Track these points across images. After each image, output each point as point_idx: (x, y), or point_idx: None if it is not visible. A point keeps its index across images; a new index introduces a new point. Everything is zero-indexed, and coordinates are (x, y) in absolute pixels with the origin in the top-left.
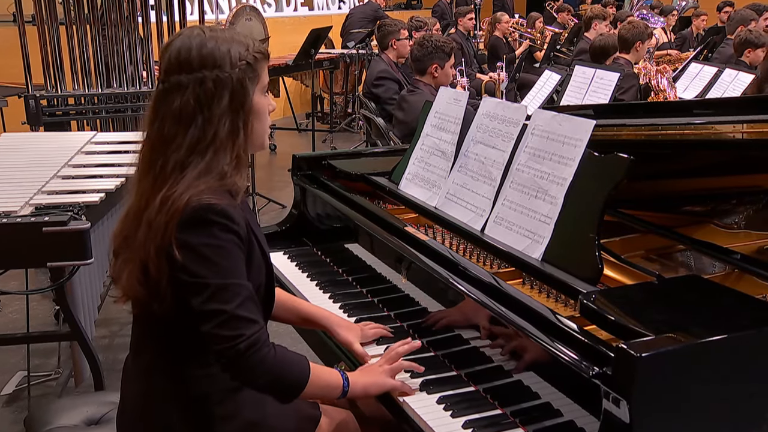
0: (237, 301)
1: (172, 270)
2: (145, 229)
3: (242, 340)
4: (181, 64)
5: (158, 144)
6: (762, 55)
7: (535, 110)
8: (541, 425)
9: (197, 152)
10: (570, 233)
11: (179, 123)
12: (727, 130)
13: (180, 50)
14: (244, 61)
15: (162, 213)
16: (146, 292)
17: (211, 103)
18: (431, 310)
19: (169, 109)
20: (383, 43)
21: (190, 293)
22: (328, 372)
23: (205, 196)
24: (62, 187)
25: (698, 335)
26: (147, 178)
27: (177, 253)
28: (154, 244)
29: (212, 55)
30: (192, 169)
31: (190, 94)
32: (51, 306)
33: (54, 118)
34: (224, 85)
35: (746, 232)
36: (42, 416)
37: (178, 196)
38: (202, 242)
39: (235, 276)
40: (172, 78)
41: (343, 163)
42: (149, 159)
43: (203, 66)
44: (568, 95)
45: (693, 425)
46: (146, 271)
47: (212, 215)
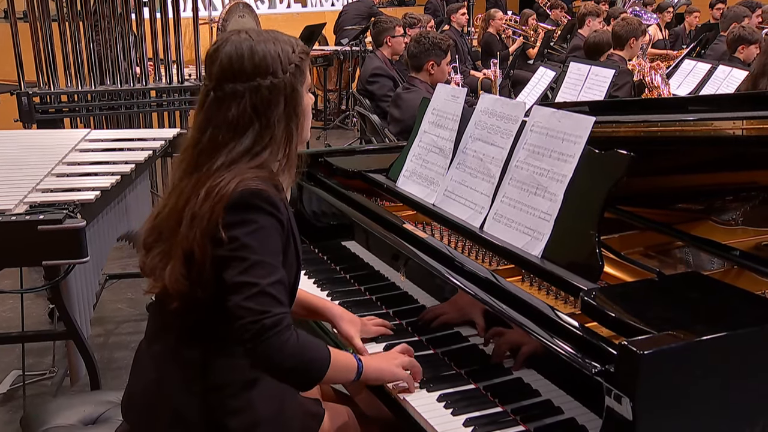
0: (271, 278)
1: (215, 249)
2: (188, 222)
3: (268, 317)
4: (235, 73)
5: (210, 150)
6: (755, 51)
7: (535, 107)
8: (542, 423)
9: (251, 153)
10: (570, 230)
11: (235, 131)
12: (726, 127)
13: (232, 57)
14: (293, 64)
15: (208, 202)
16: (189, 282)
17: (268, 109)
18: (430, 308)
19: (225, 117)
20: (378, 40)
21: (227, 266)
22: (343, 355)
23: (254, 183)
24: (57, 185)
25: (701, 332)
26: (189, 178)
27: (222, 232)
28: (200, 229)
29: (265, 62)
30: (243, 164)
31: (247, 102)
32: (45, 305)
33: (47, 115)
34: (279, 90)
35: (744, 228)
36: (38, 416)
37: (226, 184)
38: (247, 221)
39: (273, 257)
40: (226, 86)
41: (340, 160)
42: (195, 162)
43: (257, 74)
44: (563, 92)
45: (695, 421)
46: (190, 260)
47: (258, 200)
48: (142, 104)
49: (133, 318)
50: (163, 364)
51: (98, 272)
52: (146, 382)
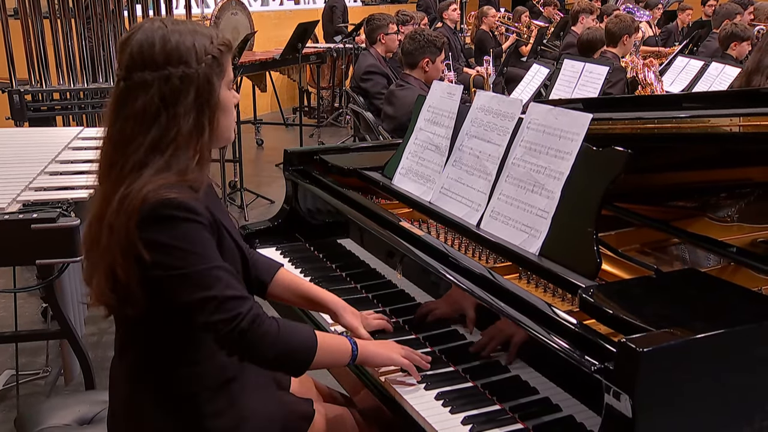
0: (221, 283)
1: (144, 270)
2: (107, 233)
3: (241, 319)
4: (145, 61)
5: (120, 144)
6: (747, 48)
7: (531, 104)
8: (540, 420)
9: (158, 150)
10: (567, 227)
11: (142, 122)
12: (722, 124)
13: (142, 45)
14: (210, 55)
15: (121, 213)
16: (116, 296)
17: (176, 100)
18: (427, 306)
19: (132, 108)
20: (372, 38)
21: (172, 288)
22: (332, 337)
23: (162, 191)
24: (50, 184)
25: (700, 329)
26: (108, 179)
27: (144, 253)
28: (119, 247)
29: (177, 50)
30: (151, 167)
31: (155, 92)
32: (38, 303)
33: (39, 113)
34: (191, 81)
35: (739, 225)
36: (33, 416)
37: (135, 194)
38: (166, 235)
39: (210, 260)
40: (135, 75)
41: (335, 157)
42: (110, 161)
43: (168, 62)
44: (557, 89)
45: (694, 418)
46: (114, 275)
47: (171, 210)
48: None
49: None
50: (132, 379)
51: None
52: (122, 398)
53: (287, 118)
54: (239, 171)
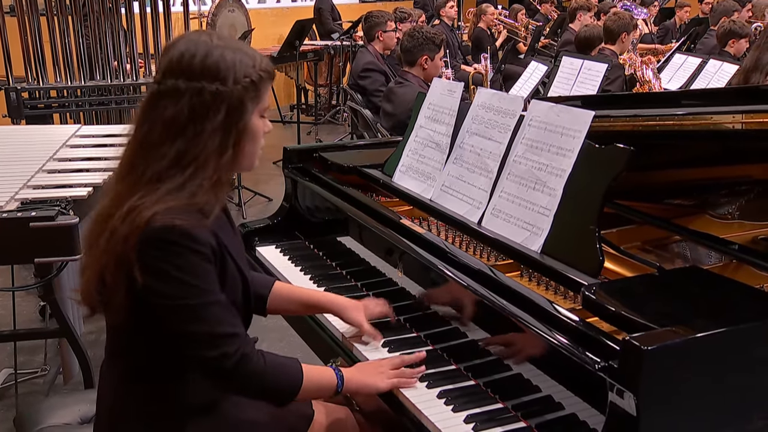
0: (213, 320)
1: (132, 288)
2: (108, 236)
3: (228, 358)
4: (182, 69)
5: (144, 148)
6: (745, 45)
7: (533, 101)
8: (543, 419)
9: (179, 166)
10: (570, 225)
11: (168, 131)
12: (725, 121)
13: (183, 54)
14: (249, 78)
15: (125, 223)
16: (100, 299)
17: (205, 116)
18: (428, 303)
19: (161, 114)
20: (370, 35)
21: (164, 315)
22: (320, 372)
23: (170, 216)
24: (48, 182)
25: (704, 327)
26: (125, 181)
27: (138, 274)
28: (114, 256)
29: (216, 67)
30: (168, 183)
31: (185, 102)
32: (35, 302)
33: (36, 111)
34: (222, 99)
35: (740, 222)
36: (32, 415)
37: (144, 209)
38: (165, 263)
39: (206, 294)
40: (169, 81)
41: (335, 155)
42: (131, 162)
43: (204, 76)
44: (555, 86)
45: (698, 416)
46: (103, 279)
47: (173, 236)
48: (132, 99)
49: None
50: (117, 387)
51: None
52: (107, 405)
53: (284, 115)
54: None
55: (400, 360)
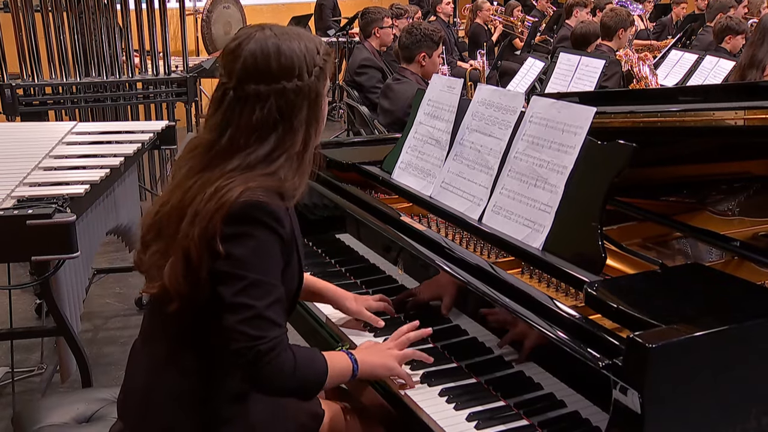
0: (268, 300)
1: (213, 261)
2: (190, 219)
3: (264, 342)
4: (260, 73)
5: (227, 152)
6: (742, 41)
7: (533, 97)
8: (545, 416)
9: (269, 160)
10: (571, 222)
11: (258, 134)
12: (728, 117)
13: (257, 56)
14: (318, 66)
15: (212, 201)
16: (187, 283)
17: (292, 113)
18: (428, 301)
19: (247, 119)
20: (366, 31)
21: (224, 283)
22: (339, 359)
23: (258, 194)
24: (45, 179)
25: (708, 325)
26: (198, 176)
27: (220, 245)
28: (199, 230)
29: (291, 63)
30: (258, 170)
31: (271, 105)
32: (31, 300)
33: (31, 107)
34: (303, 94)
35: (740, 218)
36: (30, 414)
37: (233, 187)
38: (246, 237)
39: (270, 275)
40: (248, 87)
41: (333, 152)
42: (209, 162)
43: (283, 76)
44: (553, 83)
45: (702, 413)
46: (188, 261)
47: (260, 214)
48: (128, 96)
49: (122, 313)
50: (156, 367)
51: (88, 267)
52: (140, 384)
53: None
54: None
55: (405, 337)
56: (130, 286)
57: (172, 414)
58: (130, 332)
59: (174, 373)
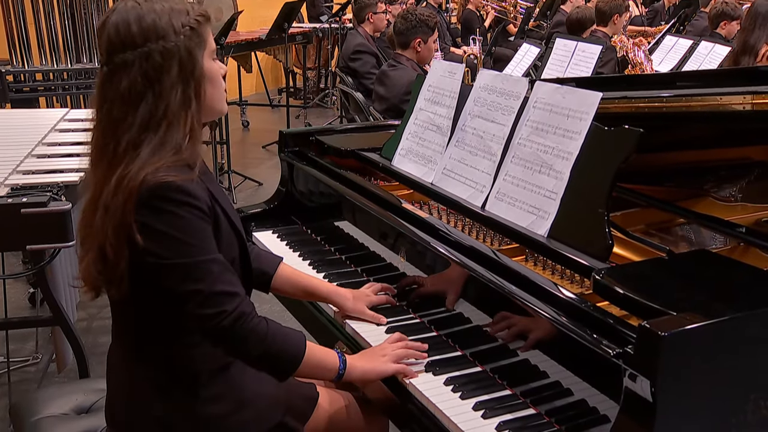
0: (210, 277)
1: (134, 254)
2: (102, 213)
3: (225, 316)
4: (123, 42)
5: (108, 128)
6: (737, 27)
7: (537, 82)
8: (552, 405)
9: (150, 129)
10: (577, 209)
11: (129, 103)
12: (734, 102)
13: (119, 26)
14: (188, 27)
15: (118, 194)
16: (103, 278)
17: (160, 76)
18: (431, 289)
19: (117, 90)
20: (360, 16)
21: (161, 276)
22: (324, 352)
23: (161, 174)
24: (38, 167)
25: (721, 312)
26: (101, 164)
27: (138, 236)
28: (112, 225)
29: (154, 26)
30: (146, 146)
31: (137, 71)
32: (24, 288)
33: (21, 94)
34: (171, 55)
35: (743, 204)
36: (28, 405)
37: (134, 175)
38: (162, 222)
39: (203, 252)
40: (116, 58)
41: (332, 138)
42: (101, 144)
43: (147, 39)
44: (549, 68)
45: (714, 401)
46: (104, 255)
47: (170, 193)
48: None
49: None
50: (128, 364)
51: None
52: (120, 385)
53: (273, 99)
54: (227, 153)
55: (399, 336)
56: None
57: (155, 402)
58: None
59: (145, 366)
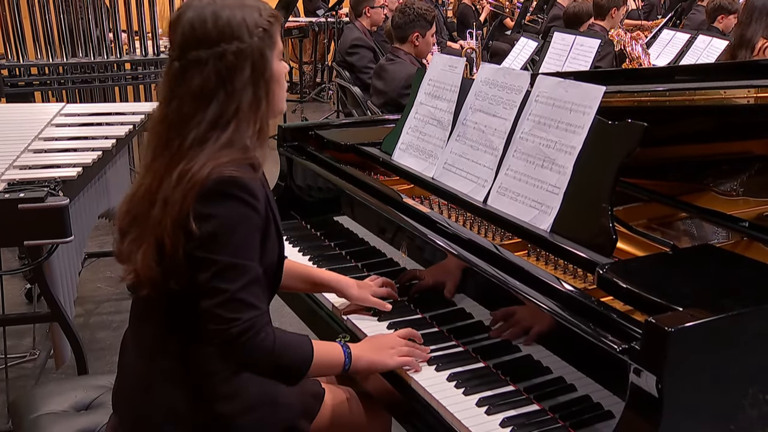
0: (241, 282)
1: (188, 243)
2: (161, 206)
3: (237, 325)
4: (198, 39)
5: (176, 123)
6: (734, 21)
7: (539, 76)
8: (556, 401)
9: (218, 127)
10: (581, 203)
11: (200, 100)
12: (738, 95)
13: (194, 23)
14: (261, 28)
15: (180, 187)
16: (161, 270)
17: (233, 76)
18: (433, 284)
19: (189, 87)
20: (357, 10)
21: (199, 268)
22: (329, 349)
23: (227, 169)
24: (35, 162)
25: (727, 308)
26: (162, 157)
27: (193, 224)
28: (171, 218)
29: (229, 26)
30: (213, 143)
31: (211, 69)
32: (20, 284)
33: (17, 89)
34: (245, 56)
35: (745, 199)
36: (27, 402)
37: (198, 169)
38: (219, 215)
39: (245, 256)
40: (189, 54)
41: (331, 133)
42: (165, 138)
43: (221, 39)
44: (547, 62)
45: (722, 397)
46: (162, 248)
47: (234, 189)
48: (116, 77)
49: (113, 297)
50: (147, 354)
51: (81, 251)
52: (133, 373)
53: None
54: None
55: (408, 332)
56: (121, 269)
57: (168, 393)
58: (122, 317)
59: (166, 357)
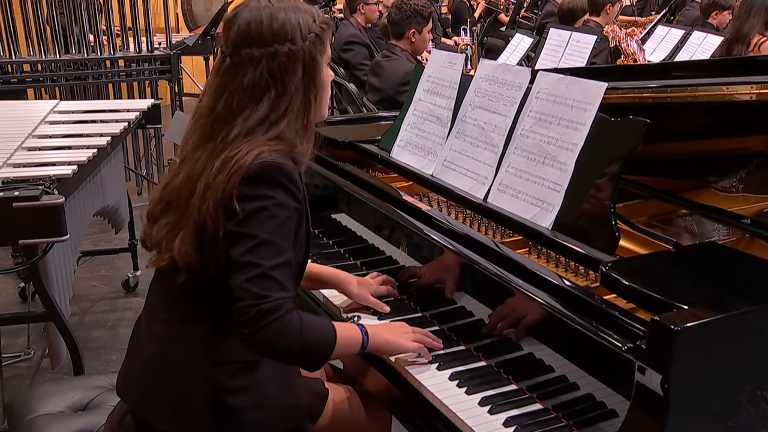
0: (276, 260)
1: (229, 221)
2: (201, 192)
3: (268, 301)
4: (252, 38)
5: (224, 116)
6: (729, 17)
7: (540, 73)
8: (559, 400)
9: (267, 123)
10: (583, 200)
11: (250, 97)
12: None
13: (250, 24)
14: (313, 33)
15: (223, 173)
16: (200, 256)
17: (284, 76)
18: (433, 282)
19: (240, 82)
20: (352, 7)
21: (235, 242)
22: (348, 328)
23: (274, 156)
24: (30, 160)
25: (733, 305)
26: (205, 146)
27: (236, 204)
28: (214, 200)
29: (283, 28)
30: (259, 136)
31: (264, 68)
32: (14, 283)
33: (9, 86)
34: (297, 58)
35: (745, 195)
36: (24, 403)
37: (243, 155)
38: (263, 196)
39: (282, 238)
40: (242, 52)
41: (328, 130)
42: (211, 129)
43: (275, 40)
44: (543, 59)
45: (728, 394)
46: (201, 234)
47: (278, 175)
48: (110, 74)
49: (108, 296)
50: (165, 339)
51: (76, 250)
52: (146, 358)
53: None
54: None
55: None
56: (115, 268)
57: (182, 380)
58: (117, 315)
59: (183, 344)
